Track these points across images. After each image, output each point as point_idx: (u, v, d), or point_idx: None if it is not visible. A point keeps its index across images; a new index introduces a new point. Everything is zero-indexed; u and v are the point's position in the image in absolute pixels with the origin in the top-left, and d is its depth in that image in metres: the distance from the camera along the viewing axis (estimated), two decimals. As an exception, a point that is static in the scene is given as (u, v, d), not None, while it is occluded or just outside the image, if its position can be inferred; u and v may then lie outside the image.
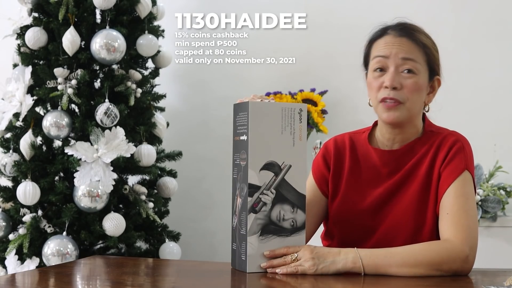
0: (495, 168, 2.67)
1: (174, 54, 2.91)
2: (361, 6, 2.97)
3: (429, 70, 1.52)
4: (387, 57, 1.48)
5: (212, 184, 3.14)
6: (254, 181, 1.36)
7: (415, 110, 1.51)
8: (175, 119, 2.98)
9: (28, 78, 2.53)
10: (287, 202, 1.36)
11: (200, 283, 1.33)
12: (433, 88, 1.55)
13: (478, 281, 1.33)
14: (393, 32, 1.51)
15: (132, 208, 2.57)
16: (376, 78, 1.50)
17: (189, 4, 3.22)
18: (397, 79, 1.47)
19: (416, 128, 1.55)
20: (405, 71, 1.47)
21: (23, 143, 2.47)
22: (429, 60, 1.51)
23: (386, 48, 1.49)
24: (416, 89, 1.48)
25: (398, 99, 1.47)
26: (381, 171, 1.53)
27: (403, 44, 1.49)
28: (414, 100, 1.48)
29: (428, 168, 1.49)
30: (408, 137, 1.54)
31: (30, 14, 2.60)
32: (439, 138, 1.52)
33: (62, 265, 1.64)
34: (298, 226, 1.37)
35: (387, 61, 1.48)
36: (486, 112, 2.83)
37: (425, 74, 1.51)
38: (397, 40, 1.49)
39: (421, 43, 1.50)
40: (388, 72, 1.48)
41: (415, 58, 1.48)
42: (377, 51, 1.51)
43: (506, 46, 2.84)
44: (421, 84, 1.49)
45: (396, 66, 1.47)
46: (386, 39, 1.50)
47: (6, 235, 2.52)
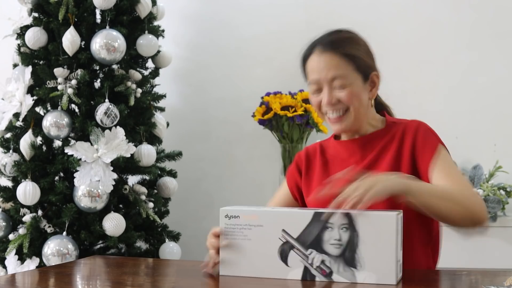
0: (495, 168, 2.67)
1: (174, 54, 2.91)
2: (361, 6, 2.97)
3: (362, 74, 1.57)
4: (318, 80, 1.57)
5: (212, 184, 3.14)
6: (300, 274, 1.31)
7: (361, 113, 1.58)
8: (175, 119, 2.98)
9: (28, 78, 2.53)
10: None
11: (200, 283, 1.33)
12: (374, 83, 1.61)
13: (478, 281, 1.33)
14: (320, 48, 1.57)
15: (132, 208, 2.57)
16: (315, 98, 1.59)
17: (189, 4, 3.22)
18: (332, 95, 1.55)
19: (373, 120, 1.63)
20: (337, 87, 1.55)
21: (23, 143, 2.47)
22: (358, 66, 1.56)
23: (316, 72, 1.57)
24: (352, 97, 1.55)
25: (340, 108, 1.55)
26: (348, 161, 1.60)
27: (329, 62, 1.55)
28: (355, 106, 1.56)
29: (395, 153, 1.55)
30: (367, 130, 1.62)
31: (30, 14, 2.60)
32: (401, 126, 1.59)
33: (62, 265, 1.64)
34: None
35: (321, 83, 1.57)
36: (486, 112, 2.83)
37: (358, 80, 1.56)
38: (323, 59, 1.55)
39: (346, 55, 1.55)
40: (323, 92, 1.56)
41: (343, 73, 1.55)
42: (310, 74, 1.59)
43: (507, 46, 2.84)
44: (357, 91, 1.56)
45: (328, 85, 1.55)
46: (314, 59, 1.57)
47: (6, 235, 2.52)
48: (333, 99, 1.55)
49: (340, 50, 1.55)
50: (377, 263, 1.26)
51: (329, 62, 1.55)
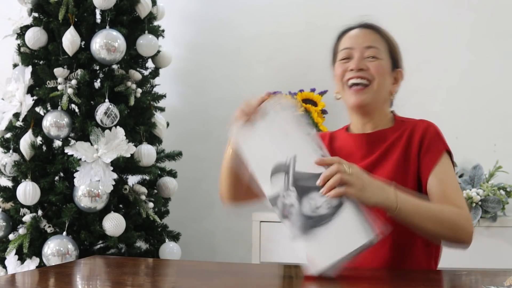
0: (495, 168, 2.67)
1: (174, 54, 2.91)
2: (361, 6, 2.97)
3: (391, 60, 1.61)
4: (352, 47, 1.59)
5: (212, 184, 3.12)
6: (272, 192, 1.31)
7: (381, 94, 1.59)
8: (175, 119, 2.98)
9: (28, 78, 2.53)
10: (311, 190, 1.28)
11: (200, 283, 1.33)
12: (396, 80, 1.64)
13: (478, 281, 1.33)
14: (358, 27, 1.64)
15: (132, 208, 2.57)
16: (341, 65, 1.60)
17: (189, 4, 3.22)
18: (362, 62, 1.57)
19: (385, 116, 1.63)
20: (369, 57, 1.58)
21: (23, 143, 2.47)
22: (391, 50, 1.62)
23: (351, 40, 1.61)
24: (380, 70, 1.57)
25: (365, 77, 1.55)
26: (355, 155, 1.59)
27: (367, 35, 1.61)
28: (379, 82, 1.57)
29: (402, 152, 1.55)
30: (378, 124, 1.61)
31: (30, 14, 2.60)
32: (410, 125, 1.59)
33: (62, 265, 1.64)
34: (335, 204, 1.26)
35: (353, 51, 1.59)
36: (486, 112, 2.83)
37: (387, 63, 1.60)
38: (362, 32, 1.62)
39: (384, 34, 1.62)
40: (353, 58, 1.58)
41: (378, 46, 1.59)
42: (343, 45, 1.62)
43: (506, 46, 2.84)
44: (385, 68, 1.59)
45: (360, 53, 1.58)
46: (351, 33, 1.63)
47: (6, 235, 2.52)
48: (362, 65, 1.56)
49: (379, 31, 1.62)
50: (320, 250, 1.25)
51: (367, 35, 1.60)
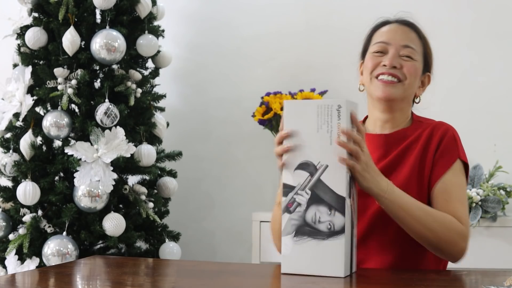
0: (495, 168, 2.67)
1: (174, 54, 2.91)
2: (361, 6, 2.97)
3: (424, 63, 1.58)
4: (388, 43, 1.55)
5: (212, 184, 3.14)
6: (289, 181, 1.33)
7: (409, 93, 1.56)
8: (175, 119, 2.98)
9: (28, 78, 2.53)
10: (323, 204, 1.30)
11: (200, 283, 1.33)
12: (423, 84, 1.61)
13: (478, 281, 1.33)
14: (396, 22, 1.58)
15: (132, 208, 2.57)
16: (374, 58, 1.55)
17: (189, 4, 3.22)
18: (397, 60, 1.53)
19: (406, 117, 1.60)
20: (404, 56, 1.53)
21: (23, 143, 2.47)
22: (425, 53, 1.58)
23: (389, 34, 1.55)
24: (413, 72, 1.53)
25: (397, 75, 1.52)
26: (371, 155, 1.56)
27: (405, 33, 1.55)
28: (411, 81, 1.53)
29: (419, 154, 1.52)
30: (398, 124, 1.58)
31: (30, 14, 2.60)
32: (429, 127, 1.56)
33: (62, 265, 1.64)
34: (336, 229, 1.29)
35: (388, 46, 1.54)
36: (486, 112, 2.83)
37: (420, 64, 1.57)
38: (400, 28, 1.56)
39: (422, 36, 1.58)
40: (388, 54, 1.53)
41: (415, 47, 1.55)
42: (379, 37, 1.57)
43: (507, 46, 2.84)
44: (418, 70, 1.55)
45: (396, 50, 1.53)
46: (390, 27, 1.57)
47: (6, 235, 2.52)
48: (396, 63, 1.52)
49: (418, 31, 1.58)
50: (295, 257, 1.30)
51: (407, 33, 1.55)
